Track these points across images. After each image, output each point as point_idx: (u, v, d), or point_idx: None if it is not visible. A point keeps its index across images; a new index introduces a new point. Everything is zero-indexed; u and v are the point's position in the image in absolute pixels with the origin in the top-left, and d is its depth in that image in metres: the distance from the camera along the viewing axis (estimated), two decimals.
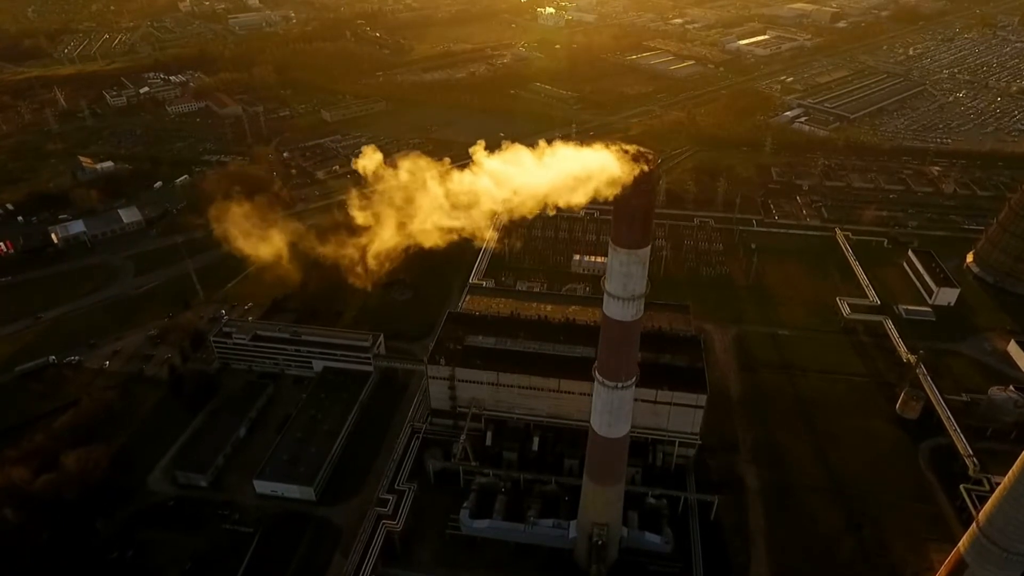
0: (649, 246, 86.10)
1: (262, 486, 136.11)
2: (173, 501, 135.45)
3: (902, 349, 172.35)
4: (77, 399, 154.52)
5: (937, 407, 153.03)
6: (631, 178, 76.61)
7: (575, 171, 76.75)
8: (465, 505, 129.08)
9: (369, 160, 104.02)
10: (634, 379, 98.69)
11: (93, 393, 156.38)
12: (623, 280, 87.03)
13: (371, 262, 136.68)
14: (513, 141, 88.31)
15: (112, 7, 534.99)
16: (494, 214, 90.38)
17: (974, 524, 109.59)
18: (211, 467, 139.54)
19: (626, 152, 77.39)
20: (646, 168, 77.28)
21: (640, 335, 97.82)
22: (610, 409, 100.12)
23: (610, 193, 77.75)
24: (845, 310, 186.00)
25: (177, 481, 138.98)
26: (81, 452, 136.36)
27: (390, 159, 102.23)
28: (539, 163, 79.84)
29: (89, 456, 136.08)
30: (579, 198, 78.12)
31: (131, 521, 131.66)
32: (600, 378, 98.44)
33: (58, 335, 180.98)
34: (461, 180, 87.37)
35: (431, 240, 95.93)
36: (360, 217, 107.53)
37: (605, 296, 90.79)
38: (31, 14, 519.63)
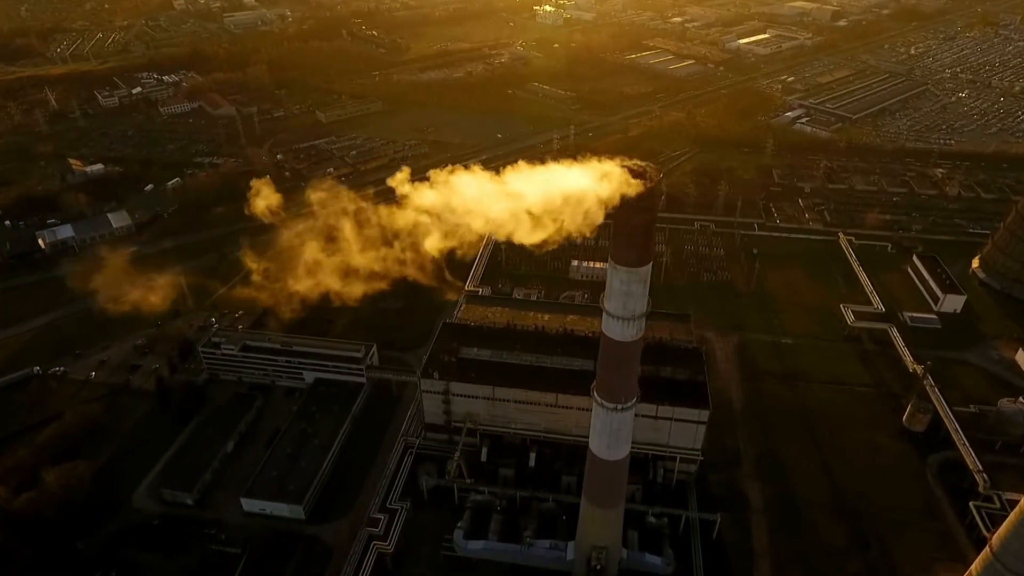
0: (650, 264, 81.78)
1: (250, 504, 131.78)
2: (158, 520, 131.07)
3: (908, 358, 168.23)
4: (61, 412, 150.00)
5: (945, 419, 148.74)
6: (631, 195, 72.21)
7: (559, 194, 70.53)
8: (459, 525, 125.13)
9: (263, 200, 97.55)
10: (634, 400, 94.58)
11: (77, 406, 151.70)
12: (623, 299, 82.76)
13: (283, 313, 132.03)
14: (511, 141, 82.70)
15: (106, 5, 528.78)
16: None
17: (987, 548, 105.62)
18: (198, 484, 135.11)
19: (626, 167, 73.01)
20: (647, 184, 72.91)
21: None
22: (609, 431, 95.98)
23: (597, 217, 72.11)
24: (849, 318, 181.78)
25: (162, 498, 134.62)
26: (63, 468, 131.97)
27: (301, 191, 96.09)
28: (503, 188, 73.04)
29: (71, 473, 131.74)
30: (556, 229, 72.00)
31: (114, 541, 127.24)
32: (599, 399, 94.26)
33: (43, 344, 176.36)
34: (391, 217, 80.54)
35: (355, 293, 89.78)
36: (257, 273, 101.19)
37: (604, 315, 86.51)
38: (24, 12, 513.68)
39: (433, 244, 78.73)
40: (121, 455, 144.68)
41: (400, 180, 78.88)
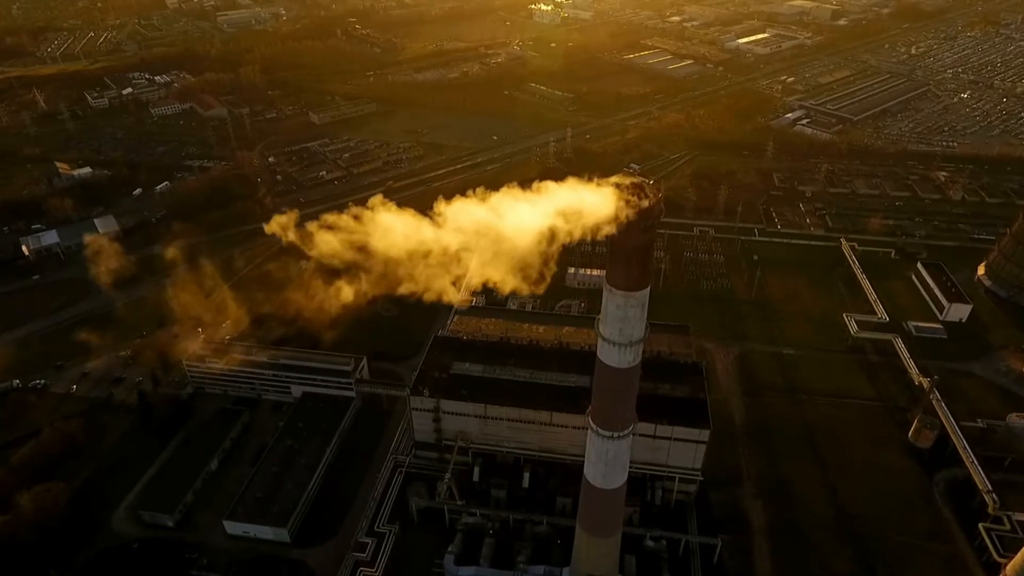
0: (648, 287, 76.87)
1: (233, 527, 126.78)
2: (137, 543, 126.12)
3: (913, 370, 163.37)
4: (39, 429, 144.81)
5: (952, 435, 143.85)
6: (628, 215, 67.29)
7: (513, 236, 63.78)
8: (450, 549, 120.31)
9: (105, 262, 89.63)
10: (632, 427, 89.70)
11: (56, 423, 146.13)
12: (619, 324, 77.81)
13: None
14: (507, 143, 75.00)
15: (98, 4, 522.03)
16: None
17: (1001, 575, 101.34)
18: (179, 505, 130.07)
19: (623, 187, 68.11)
20: (646, 203, 67.98)
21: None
22: (605, 460, 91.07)
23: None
24: (853, 327, 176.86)
25: (142, 521, 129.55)
26: (39, 490, 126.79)
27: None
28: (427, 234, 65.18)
29: (47, 495, 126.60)
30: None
31: (91, 566, 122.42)
32: (594, 426, 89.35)
33: (24, 356, 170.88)
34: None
35: None
36: None
37: (599, 341, 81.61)
38: (15, 11, 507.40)
39: (346, 298, 71.69)
40: (100, 474, 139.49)
41: (280, 225, 69.98)
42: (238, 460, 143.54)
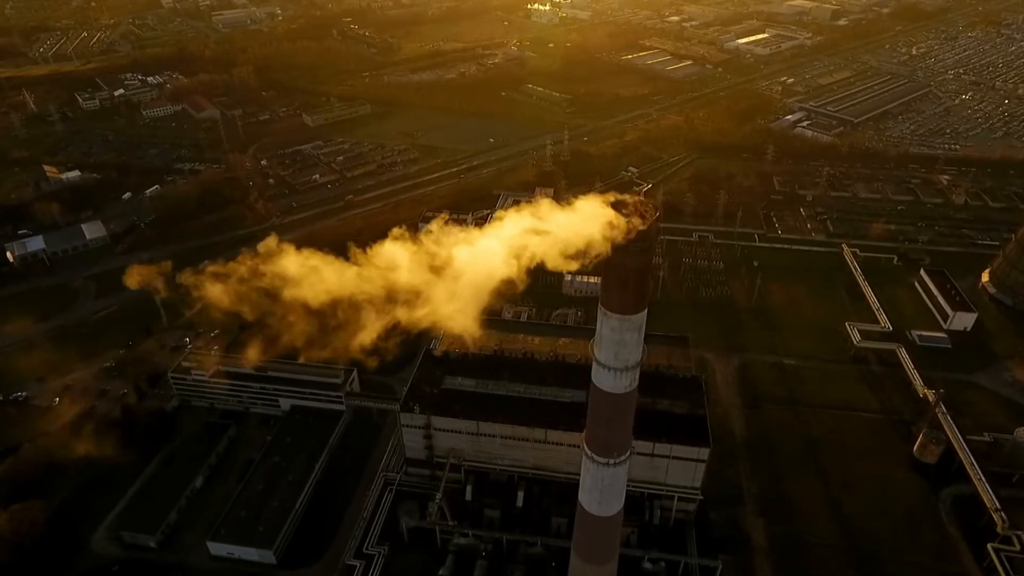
0: (645, 310, 72.82)
1: (217, 548, 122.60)
2: (117, 566, 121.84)
3: (917, 381, 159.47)
4: (18, 444, 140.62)
5: (959, 450, 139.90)
6: (623, 236, 63.29)
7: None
8: (441, 572, 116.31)
9: None
10: (628, 453, 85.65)
11: (36, 438, 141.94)
12: (614, 348, 73.83)
13: None
14: (503, 146, 70.33)
15: (93, 3, 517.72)
16: None
17: None
18: (162, 525, 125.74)
19: (617, 206, 64.09)
20: (642, 224, 63.96)
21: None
22: (601, 487, 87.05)
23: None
24: (855, 337, 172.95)
25: (123, 541, 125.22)
26: (16, 510, 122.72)
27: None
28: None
29: (24, 514, 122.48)
30: None
31: None
32: (589, 452, 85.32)
33: (6, 367, 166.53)
34: None
35: None
36: None
37: (594, 365, 77.55)
38: (8, 10, 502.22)
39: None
40: (81, 492, 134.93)
41: (142, 276, 64.77)
42: (224, 476, 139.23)
